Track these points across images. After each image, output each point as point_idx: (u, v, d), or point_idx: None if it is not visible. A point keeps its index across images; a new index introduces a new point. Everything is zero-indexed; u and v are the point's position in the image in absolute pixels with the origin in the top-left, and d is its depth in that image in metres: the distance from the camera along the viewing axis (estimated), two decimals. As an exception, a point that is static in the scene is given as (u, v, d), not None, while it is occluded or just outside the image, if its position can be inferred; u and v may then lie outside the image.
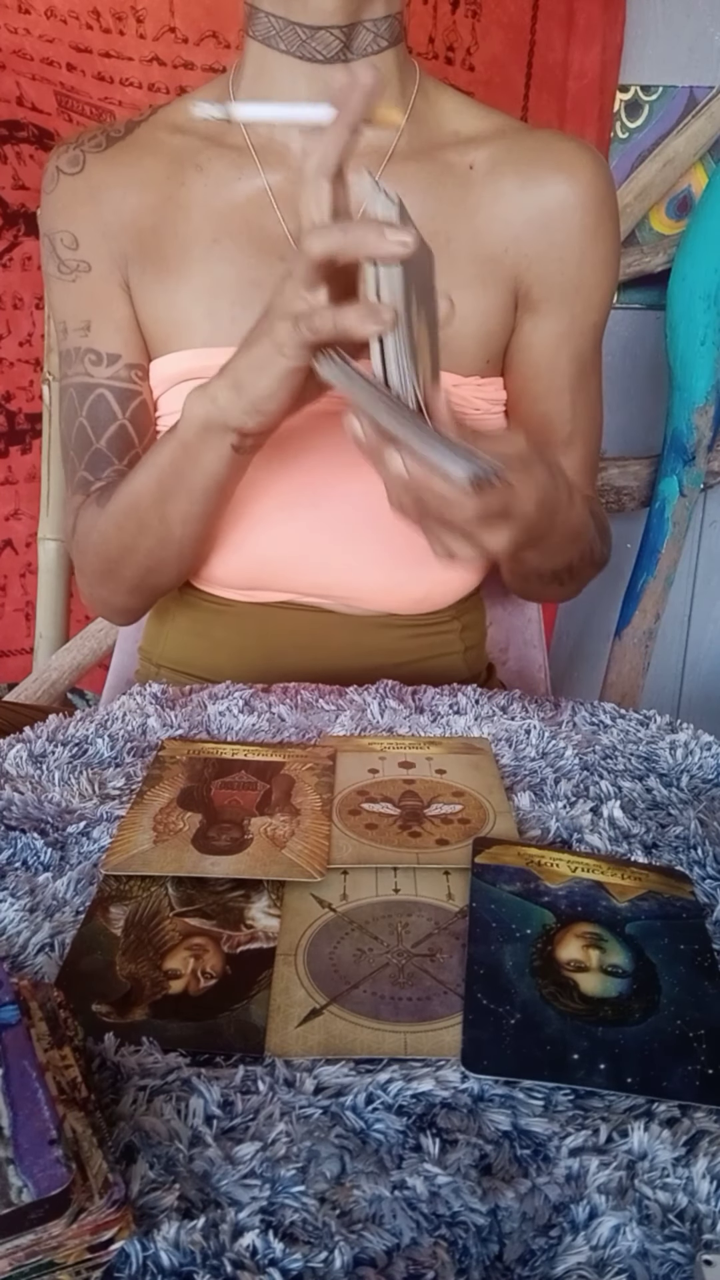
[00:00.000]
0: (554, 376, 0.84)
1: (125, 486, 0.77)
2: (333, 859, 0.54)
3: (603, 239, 0.81)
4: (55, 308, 0.85)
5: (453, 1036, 0.42)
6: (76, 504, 0.85)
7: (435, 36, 1.36)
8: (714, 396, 1.44)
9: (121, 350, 0.83)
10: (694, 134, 1.43)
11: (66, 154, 0.82)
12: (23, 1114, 0.34)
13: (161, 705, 0.75)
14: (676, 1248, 0.34)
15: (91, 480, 0.83)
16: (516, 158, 0.79)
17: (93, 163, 0.81)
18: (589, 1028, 0.43)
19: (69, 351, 0.84)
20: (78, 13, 1.30)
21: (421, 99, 0.80)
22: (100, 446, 0.83)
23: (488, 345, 0.82)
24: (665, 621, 1.59)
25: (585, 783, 0.64)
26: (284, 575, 0.85)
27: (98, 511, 0.81)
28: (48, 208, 0.83)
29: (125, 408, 0.83)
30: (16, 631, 1.66)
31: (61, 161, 0.82)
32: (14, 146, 1.43)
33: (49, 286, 0.86)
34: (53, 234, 0.83)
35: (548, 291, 0.81)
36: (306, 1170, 0.36)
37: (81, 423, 0.83)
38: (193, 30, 1.32)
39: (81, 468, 0.84)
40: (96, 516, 0.81)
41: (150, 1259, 0.32)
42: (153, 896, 0.51)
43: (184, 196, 0.80)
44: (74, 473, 0.85)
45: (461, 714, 0.74)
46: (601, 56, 1.38)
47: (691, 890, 0.53)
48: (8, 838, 0.56)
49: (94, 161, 0.81)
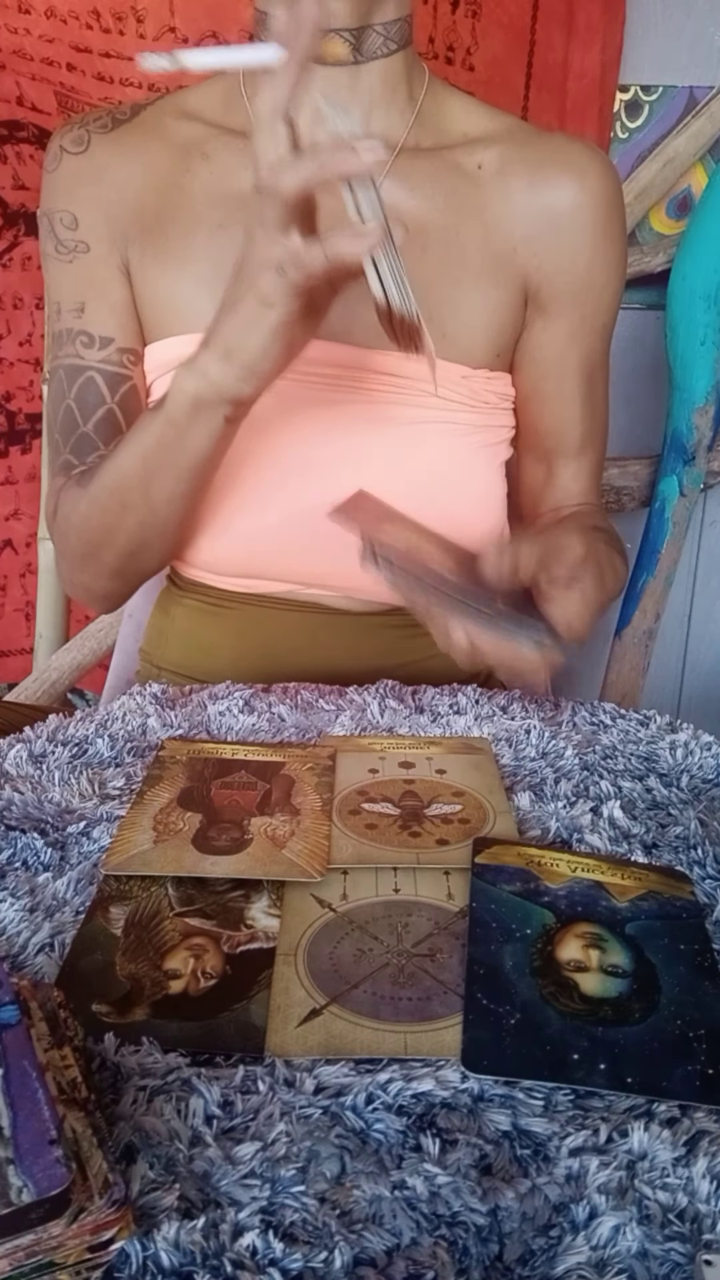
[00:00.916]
0: (564, 377, 0.85)
1: (108, 467, 0.76)
2: (333, 859, 0.54)
3: (612, 240, 0.82)
4: (50, 288, 0.84)
5: (453, 1036, 0.42)
6: (58, 485, 0.83)
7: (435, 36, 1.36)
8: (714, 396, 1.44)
9: (115, 334, 0.82)
10: (694, 134, 1.43)
11: (71, 133, 0.81)
12: (23, 1114, 0.34)
13: (161, 705, 0.74)
14: (676, 1248, 0.34)
15: (75, 464, 0.82)
16: (526, 159, 0.80)
17: (98, 143, 0.81)
18: (589, 1028, 0.43)
19: (60, 333, 0.83)
20: (78, 13, 1.30)
21: (430, 100, 0.81)
22: (87, 430, 0.82)
23: (496, 339, 0.83)
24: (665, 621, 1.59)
25: (585, 783, 0.64)
26: (280, 562, 0.84)
27: (80, 493, 0.79)
28: (49, 186, 0.82)
29: (115, 392, 0.82)
30: (16, 631, 1.66)
31: (66, 141, 0.81)
32: (14, 146, 1.43)
33: (45, 267, 0.84)
34: (52, 213, 0.82)
35: (557, 292, 0.82)
36: (306, 1170, 0.36)
37: (69, 404, 0.82)
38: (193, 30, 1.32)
39: (66, 450, 0.83)
40: (79, 499, 0.79)
41: (150, 1259, 0.32)
42: (153, 896, 0.51)
43: (189, 183, 0.80)
44: (57, 455, 0.84)
45: (461, 714, 0.74)
46: (601, 56, 1.38)
47: (691, 890, 0.53)
48: (8, 838, 0.56)
49: (99, 142, 0.81)
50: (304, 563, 0.84)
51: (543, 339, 0.84)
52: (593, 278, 0.82)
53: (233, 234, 0.79)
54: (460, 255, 0.79)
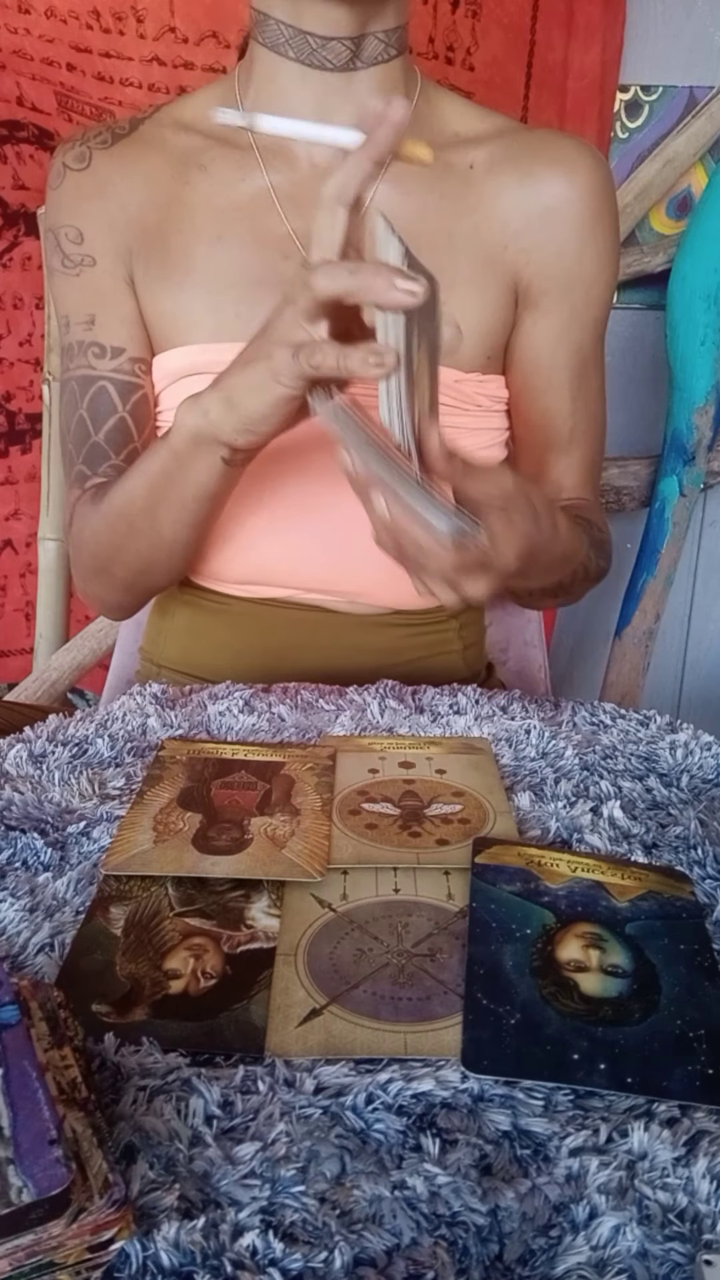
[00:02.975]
0: (554, 371, 0.85)
1: (118, 488, 0.77)
2: (333, 859, 0.54)
3: (601, 233, 0.81)
4: (58, 302, 0.85)
5: (453, 1036, 0.42)
6: (73, 498, 0.85)
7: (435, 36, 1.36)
8: (714, 396, 1.44)
9: (125, 344, 0.83)
10: (694, 134, 1.43)
11: (73, 150, 0.82)
12: (23, 1114, 0.34)
13: (161, 705, 0.75)
14: (676, 1248, 0.34)
15: (88, 474, 0.83)
16: (516, 155, 0.80)
17: (99, 159, 0.82)
18: (589, 1028, 0.43)
19: (71, 345, 0.84)
20: (78, 13, 1.30)
21: (423, 102, 0.81)
22: (99, 440, 0.83)
23: (488, 341, 0.83)
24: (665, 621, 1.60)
25: (585, 783, 0.64)
26: (287, 572, 0.85)
27: (92, 509, 0.81)
28: (53, 203, 0.83)
29: (126, 400, 0.83)
30: (16, 631, 1.66)
31: (68, 158, 0.82)
32: (14, 146, 1.43)
33: (52, 282, 0.86)
34: (57, 229, 0.83)
35: (547, 285, 0.82)
36: (306, 1170, 0.36)
37: (81, 415, 0.83)
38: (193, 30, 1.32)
39: (79, 461, 0.84)
40: (91, 514, 0.81)
41: (150, 1259, 0.32)
42: (153, 896, 0.51)
43: (188, 195, 0.81)
44: (71, 466, 0.85)
45: (461, 714, 0.74)
46: (601, 56, 1.39)
47: (691, 890, 0.53)
48: (8, 838, 0.56)
49: (100, 157, 0.82)
50: (304, 571, 0.85)
51: (533, 334, 0.84)
52: (582, 271, 0.82)
53: (230, 246, 0.80)
54: (453, 259, 0.79)
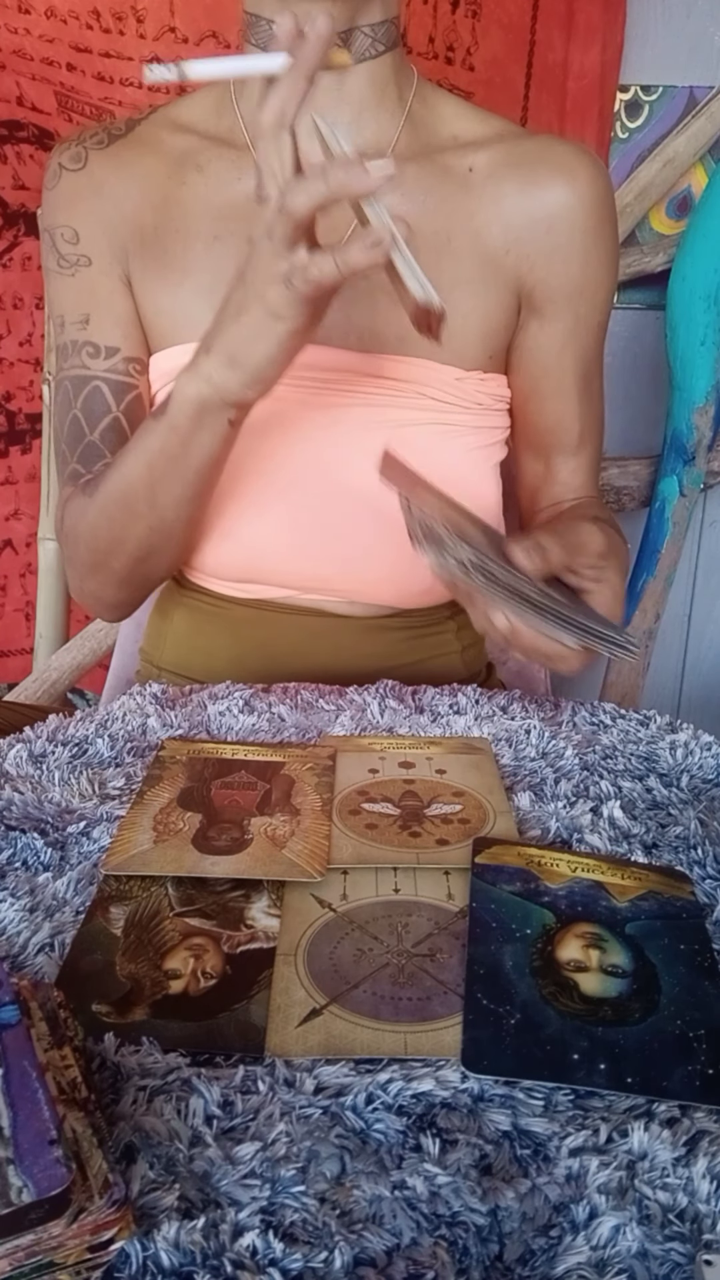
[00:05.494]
0: (561, 376, 0.85)
1: (113, 475, 0.77)
2: (333, 859, 0.54)
3: (603, 240, 0.82)
4: (54, 302, 0.85)
5: (453, 1036, 0.42)
6: (66, 496, 0.84)
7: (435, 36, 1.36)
8: (714, 396, 1.44)
9: (120, 343, 0.83)
10: (694, 134, 1.43)
11: (69, 151, 0.82)
12: (23, 1114, 0.34)
13: (161, 705, 0.74)
14: (676, 1248, 0.34)
15: (82, 473, 0.83)
16: (516, 161, 0.80)
17: (95, 159, 0.82)
18: (589, 1028, 0.43)
19: (66, 345, 0.84)
20: (78, 13, 1.30)
21: (419, 102, 0.81)
22: (93, 439, 0.83)
23: (489, 341, 0.83)
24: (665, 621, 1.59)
25: (585, 783, 0.64)
26: (281, 567, 0.84)
27: (86, 502, 0.80)
28: (49, 203, 0.83)
29: (120, 400, 0.83)
30: (16, 631, 1.66)
31: (64, 158, 0.82)
32: (14, 146, 1.43)
33: (48, 282, 0.86)
34: (53, 229, 0.83)
35: (551, 293, 0.82)
36: (306, 1170, 0.36)
37: (75, 414, 0.83)
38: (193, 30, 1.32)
39: (73, 460, 0.84)
40: (85, 507, 0.80)
41: (150, 1259, 0.32)
42: (153, 896, 0.51)
43: (185, 195, 0.81)
44: (65, 466, 0.85)
45: (461, 714, 0.74)
46: (601, 56, 1.38)
47: (691, 890, 0.53)
48: (8, 838, 0.56)
49: (96, 158, 0.82)
50: (303, 568, 0.84)
51: (539, 340, 0.84)
52: (586, 279, 0.82)
53: (228, 245, 0.80)
54: (452, 259, 0.79)
